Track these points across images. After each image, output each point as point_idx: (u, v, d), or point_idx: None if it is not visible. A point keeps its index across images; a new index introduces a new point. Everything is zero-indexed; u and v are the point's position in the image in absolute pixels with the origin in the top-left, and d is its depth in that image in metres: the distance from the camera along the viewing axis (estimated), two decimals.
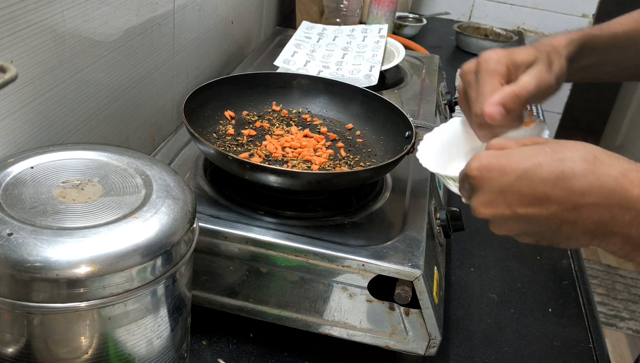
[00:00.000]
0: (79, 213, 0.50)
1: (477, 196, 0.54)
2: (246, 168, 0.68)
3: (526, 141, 0.54)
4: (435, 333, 0.67)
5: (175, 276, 0.54)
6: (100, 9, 0.74)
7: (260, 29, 1.50)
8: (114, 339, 0.51)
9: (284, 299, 0.70)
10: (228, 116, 0.88)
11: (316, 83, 0.94)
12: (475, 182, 0.53)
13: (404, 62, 1.25)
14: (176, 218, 0.53)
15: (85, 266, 0.46)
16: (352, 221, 0.73)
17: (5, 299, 0.46)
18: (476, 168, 0.53)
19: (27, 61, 0.63)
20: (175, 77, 1.02)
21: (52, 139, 0.71)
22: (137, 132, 0.92)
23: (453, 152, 0.67)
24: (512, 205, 0.51)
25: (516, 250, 0.99)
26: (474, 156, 0.54)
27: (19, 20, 0.61)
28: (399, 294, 0.65)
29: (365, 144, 0.87)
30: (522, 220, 0.52)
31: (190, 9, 1.02)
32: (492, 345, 0.79)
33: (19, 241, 0.46)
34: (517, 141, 0.55)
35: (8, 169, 0.54)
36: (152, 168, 0.58)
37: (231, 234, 0.68)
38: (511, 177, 0.51)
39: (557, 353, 0.80)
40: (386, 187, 0.81)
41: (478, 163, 0.53)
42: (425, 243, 0.70)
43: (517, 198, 0.51)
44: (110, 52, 0.79)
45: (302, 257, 0.67)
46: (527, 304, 0.87)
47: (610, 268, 2.68)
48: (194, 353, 0.71)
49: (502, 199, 0.52)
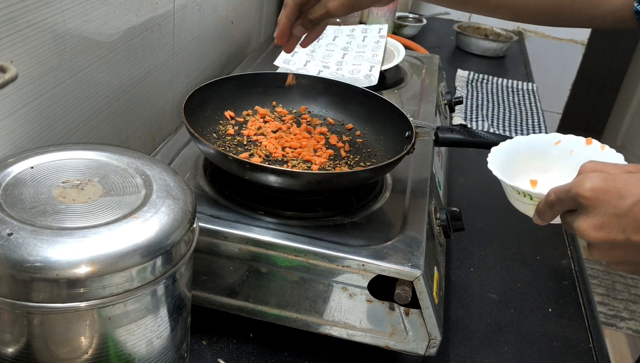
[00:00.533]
0: (79, 213, 0.50)
1: (587, 218, 0.52)
2: (246, 168, 0.68)
3: (630, 168, 0.53)
4: (435, 333, 0.67)
5: (175, 276, 0.54)
6: (100, 9, 0.74)
7: (260, 29, 1.50)
8: (114, 339, 0.51)
9: (284, 299, 0.70)
10: (228, 116, 0.88)
11: (316, 83, 0.94)
12: (588, 203, 0.51)
13: (404, 62, 1.25)
14: (176, 218, 0.53)
15: (85, 266, 0.46)
16: (352, 221, 0.73)
17: (5, 299, 0.46)
18: (590, 189, 0.51)
19: (27, 61, 0.63)
20: (175, 77, 1.02)
21: (52, 139, 0.71)
22: (137, 132, 0.92)
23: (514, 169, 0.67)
24: (626, 231, 0.50)
25: (516, 250, 0.99)
26: (582, 176, 0.53)
27: (19, 20, 0.61)
28: (399, 294, 0.65)
29: (365, 144, 0.87)
30: (632, 247, 0.50)
31: (190, 9, 1.02)
32: (492, 345, 0.79)
33: (19, 241, 0.46)
34: (618, 166, 0.54)
35: (8, 169, 0.54)
36: (152, 168, 0.58)
37: (231, 234, 0.68)
38: (629, 201, 0.49)
39: (557, 353, 0.80)
40: (386, 187, 0.81)
41: (591, 183, 0.51)
42: (425, 243, 0.70)
43: (634, 223, 0.50)
44: (110, 52, 0.79)
45: (302, 257, 0.67)
46: (527, 304, 0.87)
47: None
48: (194, 353, 0.71)
49: (616, 224, 0.50)
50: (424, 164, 0.87)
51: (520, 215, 0.68)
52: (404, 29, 1.86)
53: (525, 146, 0.70)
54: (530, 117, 1.44)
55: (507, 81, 1.65)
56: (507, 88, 1.61)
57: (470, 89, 1.57)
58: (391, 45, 1.28)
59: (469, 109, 1.45)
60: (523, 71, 1.81)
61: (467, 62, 1.80)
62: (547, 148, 0.70)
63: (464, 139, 0.83)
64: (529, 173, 0.68)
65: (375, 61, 1.15)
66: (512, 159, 0.68)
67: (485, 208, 1.09)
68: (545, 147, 0.70)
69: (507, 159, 0.68)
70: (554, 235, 1.04)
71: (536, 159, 0.69)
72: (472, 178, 1.18)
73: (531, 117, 1.44)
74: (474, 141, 0.83)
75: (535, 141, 0.70)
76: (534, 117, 1.44)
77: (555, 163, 0.69)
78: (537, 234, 1.04)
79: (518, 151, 0.69)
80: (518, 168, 0.68)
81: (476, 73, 1.65)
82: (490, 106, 1.47)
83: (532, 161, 0.69)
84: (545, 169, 0.69)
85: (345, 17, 1.53)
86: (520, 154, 0.69)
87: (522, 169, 0.68)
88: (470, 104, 1.48)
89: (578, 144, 0.69)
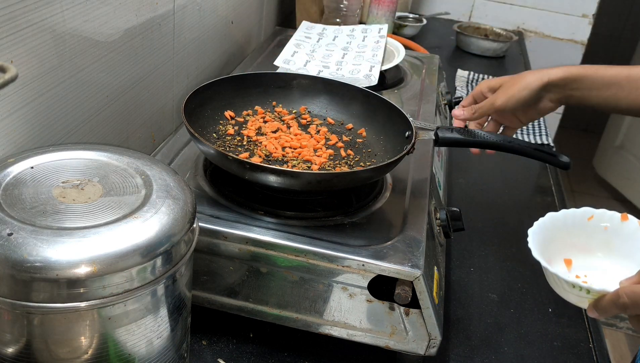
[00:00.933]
0: (79, 213, 0.50)
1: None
2: (246, 168, 0.68)
3: None
4: (435, 333, 0.67)
5: (175, 276, 0.54)
6: (100, 9, 0.74)
7: (260, 29, 1.50)
8: (114, 339, 0.51)
9: (284, 299, 0.70)
10: (228, 116, 0.88)
11: (316, 83, 0.94)
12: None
13: (404, 62, 1.25)
14: (176, 218, 0.53)
15: (85, 266, 0.46)
16: (352, 221, 0.73)
17: (5, 299, 0.46)
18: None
19: (27, 61, 0.63)
20: (175, 77, 1.02)
21: (52, 139, 0.71)
22: (137, 132, 0.92)
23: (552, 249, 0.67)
24: None
25: (516, 250, 0.99)
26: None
27: (19, 20, 0.61)
28: (399, 294, 0.65)
29: (365, 144, 0.87)
30: None
31: (190, 9, 1.02)
32: (492, 345, 0.79)
33: (19, 241, 0.46)
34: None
35: (8, 169, 0.54)
36: (152, 168, 0.58)
37: (231, 234, 0.68)
38: None
39: (557, 353, 0.80)
40: (386, 187, 0.81)
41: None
42: (425, 243, 0.70)
43: None
44: (110, 52, 0.79)
45: (302, 257, 0.67)
46: (527, 304, 0.87)
47: None
48: (194, 353, 0.71)
49: None
50: (424, 164, 0.87)
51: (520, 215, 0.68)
52: (404, 29, 1.86)
53: (560, 223, 0.69)
54: None
55: None
56: None
57: (470, 89, 1.57)
58: (391, 45, 1.28)
59: None
60: (523, 71, 1.81)
61: (467, 62, 1.80)
62: (580, 224, 0.70)
63: (464, 139, 0.83)
64: (561, 250, 0.68)
65: (375, 61, 1.15)
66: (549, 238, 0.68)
67: (485, 208, 1.09)
68: (579, 222, 0.70)
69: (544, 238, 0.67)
70: None
71: (571, 235, 0.69)
72: (472, 178, 1.18)
73: None
74: (474, 141, 0.83)
75: (569, 216, 0.70)
76: None
77: (590, 239, 0.69)
78: None
79: (553, 228, 0.69)
80: (555, 248, 0.67)
81: (476, 73, 1.65)
82: None
83: (567, 238, 0.69)
84: (581, 246, 0.69)
85: (345, 17, 1.54)
86: (555, 232, 0.69)
87: (557, 248, 0.67)
88: None
89: (613, 220, 0.69)
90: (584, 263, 0.66)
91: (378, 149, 0.86)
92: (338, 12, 1.53)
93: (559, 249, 0.67)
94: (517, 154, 0.85)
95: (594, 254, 0.69)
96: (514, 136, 0.98)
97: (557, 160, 0.84)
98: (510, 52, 1.92)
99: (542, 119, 1.43)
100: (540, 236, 0.67)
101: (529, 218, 0.68)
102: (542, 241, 0.66)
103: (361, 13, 1.66)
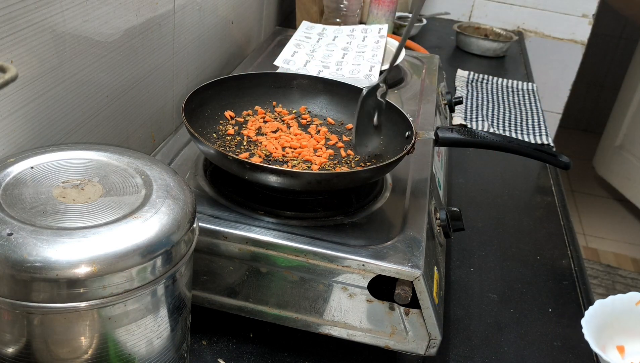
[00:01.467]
0: (79, 213, 0.50)
1: None
2: (246, 168, 0.68)
3: None
4: (435, 333, 0.67)
5: (175, 276, 0.54)
6: (100, 9, 0.74)
7: (260, 29, 1.50)
8: (114, 339, 0.51)
9: (284, 299, 0.70)
10: (228, 116, 0.88)
11: (316, 83, 0.94)
12: None
13: (404, 62, 1.25)
14: (176, 218, 0.53)
15: (85, 266, 0.46)
16: (352, 221, 0.73)
17: (5, 299, 0.46)
18: None
19: (27, 61, 0.63)
20: (175, 77, 1.02)
21: (52, 139, 0.71)
22: (137, 132, 0.92)
23: (605, 336, 0.68)
24: None
25: (516, 250, 0.99)
26: None
27: (19, 20, 0.61)
28: (399, 294, 0.65)
29: None
30: None
31: (190, 9, 1.02)
32: (492, 345, 0.79)
33: (19, 241, 0.46)
34: None
35: (8, 169, 0.54)
36: (152, 168, 0.58)
37: (231, 234, 0.68)
38: None
39: (557, 353, 0.80)
40: (386, 187, 0.81)
41: None
42: (425, 243, 0.70)
43: None
44: (110, 52, 0.79)
45: (302, 257, 0.67)
46: (527, 304, 0.87)
47: (610, 268, 2.68)
48: (194, 353, 0.71)
49: None
50: (424, 164, 0.87)
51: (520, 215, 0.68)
52: (404, 29, 1.86)
53: (609, 309, 0.71)
54: (530, 117, 1.44)
55: (507, 81, 1.65)
56: (507, 88, 1.61)
57: (470, 89, 1.57)
58: (391, 45, 1.28)
59: (469, 109, 1.45)
60: (523, 71, 1.81)
61: (467, 62, 1.80)
62: (629, 309, 0.71)
63: (464, 139, 0.83)
64: (613, 337, 0.69)
65: (375, 60, 1.15)
66: (601, 325, 0.69)
67: (485, 208, 1.09)
68: (627, 308, 0.71)
69: (597, 325, 0.68)
70: (554, 235, 1.04)
71: (621, 321, 0.70)
72: (472, 178, 1.18)
73: (531, 117, 1.44)
74: (474, 141, 0.83)
75: (617, 302, 0.71)
76: (534, 117, 1.44)
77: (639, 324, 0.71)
78: (537, 234, 1.04)
79: (603, 315, 0.70)
80: (607, 335, 0.68)
81: (476, 73, 1.65)
82: (490, 106, 1.48)
83: (617, 324, 0.70)
84: (631, 331, 0.70)
85: (345, 17, 1.54)
86: (606, 318, 0.70)
87: (609, 335, 0.69)
88: (470, 104, 1.48)
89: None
90: (636, 348, 0.67)
91: (378, 149, 0.86)
92: (338, 12, 1.53)
93: (610, 336, 0.69)
94: (517, 154, 0.85)
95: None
96: (513, 136, 0.98)
97: (557, 160, 0.84)
98: (510, 52, 1.92)
99: (542, 119, 1.43)
100: (592, 325, 0.68)
101: (529, 218, 0.69)
102: (594, 329, 0.68)
103: (361, 13, 1.66)
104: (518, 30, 2.21)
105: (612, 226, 2.98)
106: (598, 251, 2.77)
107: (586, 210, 3.08)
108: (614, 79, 3.55)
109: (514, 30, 2.15)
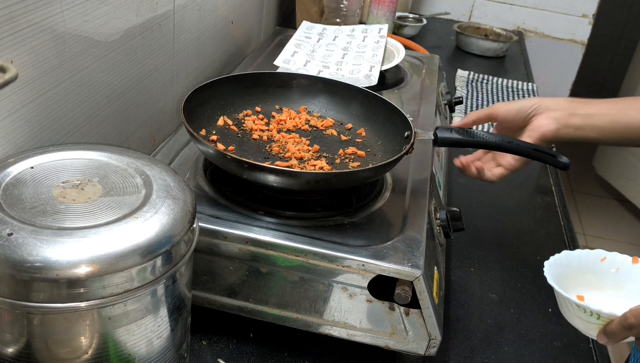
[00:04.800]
0: (79, 213, 0.50)
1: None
2: (245, 167, 0.68)
3: None
4: (435, 333, 0.67)
5: (175, 276, 0.54)
6: (100, 9, 0.74)
7: (260, 29, 1.50)
8: (114, 339, 0.51)
9: (284, 299, 0.70)
10: (223, 123, 0.86)
11: (316, 83, 0.94)
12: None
13: (404, 62, 1.25)
14: (176, 218, 0.53)
15: (85, 266, 0.46)
16: (352, 221, 0.73)
17: (5, 299, 0.46)
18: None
19: (27, 61, 0.63)
20: (175, 77, 1.02)
21: (52, 139, 0.71)
22: (137, 132, 0.92)
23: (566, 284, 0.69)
24: None
25: (516, 249, 0.99)
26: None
27: (19, 20, 0.61)
28: (399, 294, 0.65)
29: (364, 144, 0.87)
30: None
31: (190, 9, 1.02)
32: (492, 345, 0.79)
33: (19, 241, 0.46)
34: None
35: (8, 169, 0.54)
36: (152, 168, 0.58)
37: (231, 234, 0.68)
38: None
39: (557, 353, 0.80)
40: (386, 187, 0.81)
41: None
42: (425, 243, 0.70)
43: None
44: (110, 52, 0.79)
45: (302, 257, 0.67)
46: (527, 304, 0.87)
47: None
48: (194, 353, 0.71)
49: None
50: (424, 164, 0.87)
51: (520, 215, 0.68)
52: (404, 29, 1.86)
53: (575, 261, 0.72)
54: None
55: (507, 81, 1.65)
56: (507, 88, 1.61)
57: (470, 89, 1.57)
58: (391, 45, 1.28)
59: (469, 109, 1.45)
60: (523, 71, 1.81)
61: (467, 62, 1.80)
62: (594, 264, 0.73)
63: (463, 139, 0.83)
64: (576, 287, 0.70)
65: (375, 61, 1.15)
66: (563, 274, 0.70)
67: (485, 208, 1.09)
68: (592, 263, 0.73)
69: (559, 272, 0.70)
70: (553, 235, 1.04)
71: (584, 274, 0.72)
72: (472, 178, 1.18)
73: None
74: (473, 141, 0.83)
75: (583, 256, 0.73)
76: None
77: (601, 279, 0.72)
78: (537, 234, 1.04)
79: (569, 266, 0.72)
80: (568, 284, 0.69)
81: (476, 73, 1.65)
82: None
83: (580, 276, 0.72)
84: (592, 285, 0.72)
85: (345, 17, 1.54)
86: (570, 269, 0.72)
87: (571, 285, 0.70)
88: (470, 104, 1.48)
89: (624, 263, 0.72)
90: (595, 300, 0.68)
91: (377, 149, 0.86)
92: (338, 12, 1.53)
93: (572, 285, 0.70)
94: (516, 154, 0.85)
95: (606, 292, 0.72)
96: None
97: (556, 161, 0.84)
98: (510, 52, 1.92)
99: None
100: (555, 270, 0.69)
101: (529, 218, 0.69)
102: (556, 274, 0.69)
103: (361, 13, 1.66)
104: (518, 30, 2.21)
105: (612, 226, 2.98)
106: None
107: (586, 210, 3.08)
108: (614, 79, 3.55)
109: (514, 31, 2.15)
